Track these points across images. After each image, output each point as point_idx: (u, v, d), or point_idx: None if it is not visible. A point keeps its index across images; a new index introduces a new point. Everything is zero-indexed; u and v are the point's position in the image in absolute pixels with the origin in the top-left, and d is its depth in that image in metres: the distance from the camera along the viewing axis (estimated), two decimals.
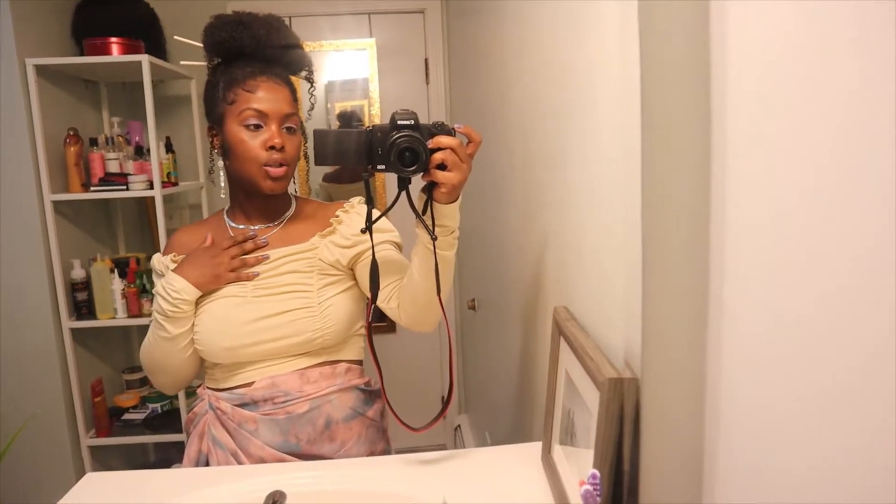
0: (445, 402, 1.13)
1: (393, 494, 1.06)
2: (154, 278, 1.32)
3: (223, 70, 1.21)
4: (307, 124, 1.33)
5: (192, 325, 1.23)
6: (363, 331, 1.31)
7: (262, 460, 1.20)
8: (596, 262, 0.96)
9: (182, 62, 1.29)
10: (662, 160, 0.60)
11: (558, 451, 1.06)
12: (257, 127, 1.17)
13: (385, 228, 1.25)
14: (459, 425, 3.04)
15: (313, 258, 1.22)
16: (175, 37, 2.49)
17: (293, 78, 1.28)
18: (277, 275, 1.21)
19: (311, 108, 1.35)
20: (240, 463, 1.21)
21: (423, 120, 1.00)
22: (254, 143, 1.17)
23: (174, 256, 1.27)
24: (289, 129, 1.20)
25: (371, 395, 1.30)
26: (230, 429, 1.22)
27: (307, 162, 1.34)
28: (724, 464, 0.58)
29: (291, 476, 1.08)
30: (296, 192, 1.35)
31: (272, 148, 1.17)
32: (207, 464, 1.26)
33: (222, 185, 1.29)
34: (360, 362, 1.31)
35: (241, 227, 1.27)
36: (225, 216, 1.30)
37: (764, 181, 0.50)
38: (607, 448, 0.80)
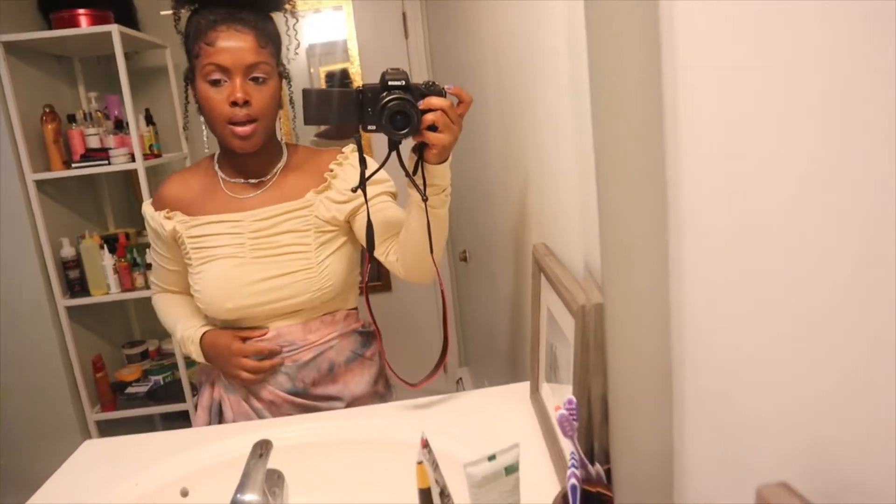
0: (440, 357, 1.14)
1: (380, 440, 1.07)
2: (148, 230, 1.31)
3: (191, 20, 1.16)
4: (292, 64, 1.28)
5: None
6: (357, 278, 1.33)
7: (272, 403, 1.24)
8: (565, 195, 0.96)
9: (162, 12, 1.23)
10: (611, 80, 0.59)
11: (545, 388, 1.08)
12: (220, 82, 1.12)
13: (380, 179, 1.22)
14: (461, 378, 3.08)
15: (309, 216, 1.20)
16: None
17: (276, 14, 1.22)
18: (275, 234, 1.20)
19: (297, 46, 1.26)
20: (251, 407, 1.25)
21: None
22: (218, 99, 1.12)
23: (168, 213, 1.25)
24: (256, 79, 1.13)
25: (368, 336, 1.33)
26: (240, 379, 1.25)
27: (293, 108, 1.27)
28: (691, 385, 0.58)
29: (281, 430, 1.10)
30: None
31: (234, 103, 1.12)
32: (220, 411, 1.29)
33: (205, 139, 1.27)
34: (355, 308, 1.34)
35: (232, 180, 1.23)
36: (216, 166, 1.26)
37: (715, 83, 0.49)
38: (583, 375, 0.81)
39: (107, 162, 2.27)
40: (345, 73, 2.92)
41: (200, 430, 1.20)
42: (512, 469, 0.68)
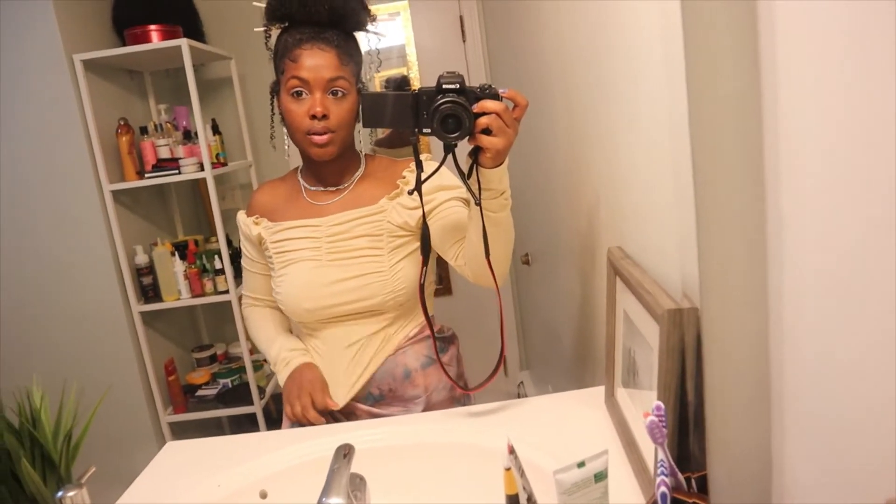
0: (497, 363, 1.14)
1: (459, 444, 1.07)
2: (241, 236, 1.39)
3: (280, 38, 1.22)
4: (373, 80, 1.32)
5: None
6: (432, 287, 1.36)
7: (352, 414, 1.29)
8: (646, 198, 0.94)
9: (255, 3, 1.26)
10: (709, 81, 0.58)
11: (622, 393, 1.06)
12: (302, 95, 1.18)
13: (451, 185, 1.25)
14: (522, 381, 3.06)
15: (382, 221, 1.24)
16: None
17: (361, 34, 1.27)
18: (349, 238, 1.24)
19: (380, 65, 1.34)
20: (334, 418, 1.29)
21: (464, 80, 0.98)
22: (299, 112, 1.18)
23: (256, 219, 1.33)
24: (335, 93, 1.19)
25: (444, 341, 1.36)
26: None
27: None
28: (791, 393, 0.56)
29: (360, 433, 1.11)
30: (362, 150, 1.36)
31: (314, 117, 1.17)
32: (301, 424, 1.31)
33: (286, 148, 1.32)
34: (432, 315, 1.35)
35: (312, 188, 1.30)
36: (299, 176, 1.33)
37: (819, 93, 0.47)
38: (670, 380, 0.79)
39: (177, 171, 2.35)
40: (404, 79, 2.94)
41: (279, 434, 1.23)
42: (601, 476, 0.67)
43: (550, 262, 1.95)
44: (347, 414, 1.29)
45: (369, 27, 1.28)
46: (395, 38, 2.91)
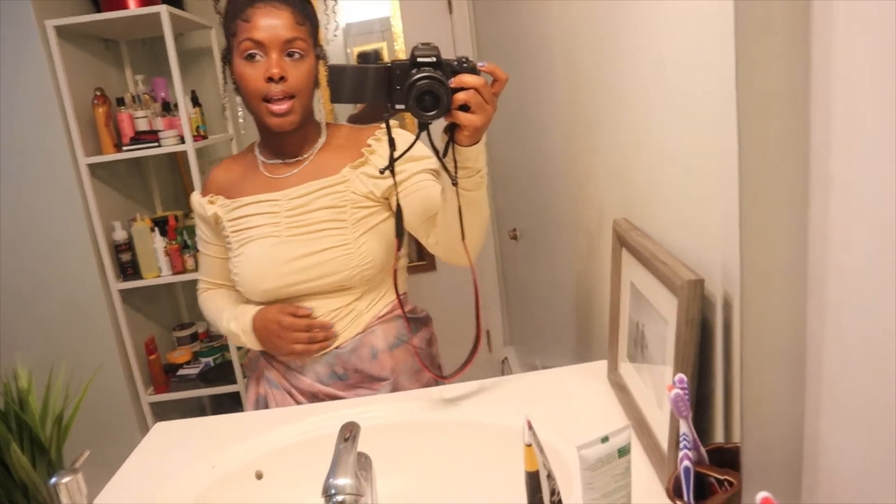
0: (473, 348, 1.07)
1: (461, 421, 1.05)
2: (196, 219, 1.32)
3: (230, 1, 1.16)
4: (331, 46, 1.26)
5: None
6: (403, 261, 1.30)
7: (314, 396, 1.23)
8: (663, 170, 0.91)
9: None
10: (758, 46, 0.54)
11: (626, 367, 1.04)
12: (256, 57, 1.11)
13: (419, 156, 1.18)
14: (506, 357, 3.05)
15: (345, 191, 1.18)
16: None
17: None
18: (310, 210, 1.18)
19: (336, 28, 1.29)
20: (295, 401, 1.24)
21: (446, 53, 0.91)
22: (253, 75, 1.11)
23: (211, 198, 1.26)
24: (292, 54, 1.12)
25: (416, 322, 1.30)
26: (280, 370, 1.26)
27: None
28: (828, 370, 0.54)
29: (358, 411, 1.08)
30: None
31: (270, 79, 1.10)
32: (266, 405, 1.28)
33: (240, 120, 1.26)
34: (404, 293, 1.29)
35: (270, 161, 1.23)
36: (256, 150, 1.27)
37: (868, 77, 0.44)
38: (689, 352, 0.76)
39: (157, 144, 2.27)
40: (375, 54, 2.86)
41: (272, 413, 1.19)
42: (625, 451, 0.65)
43: (542, 236, 1.93)
44: (310, 396, 1.24)
45: None
46: (379, 9, 2.84)
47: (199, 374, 2.55)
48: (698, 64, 0.75)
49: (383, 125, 1.21)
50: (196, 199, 1.30)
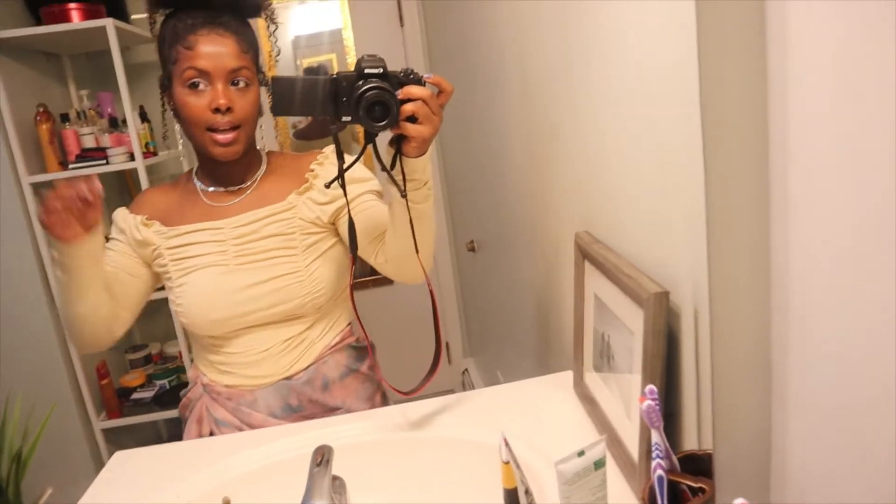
0: (433, 364, 1.06)
1: (432, 437, 1.04)
2: (113, 231, 1.21)
3: (167, 24, 1.10)
4: (277, 72, 1.23)
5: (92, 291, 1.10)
6: (347, 292, 1.26)
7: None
8: (624, 184, 0.92)
9: (134, 16, 1.16)
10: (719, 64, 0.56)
11: (592, 377, 1.05)
12: (200, 86, 1.07)
13: (363, 178, 1.18)
14: (467, 368, 3.06)
15: (293, 218, 1.16)
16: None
17: (256, 20, 1.17)
18: (258, 238, 1.15)
19: (278, 53, 1.25)
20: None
21: (399, 66, 0.92)
22: (198, 105, 1.07)
23: (146, 220, 1.18)
24: (238, 83, 1.08)
25: (362, 350, 1.28)
26: (229, 408, 1.20)
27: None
28: (794, 378, 0.56)
29: (332, 430, 1.07)
30: (272, 146, 1.25)
31: (217, 110, 1.07)
32: None
33: (180, 148, 1.21)
34: (349, 324, 1.28)
35: (211, 189, 1.18)
36: (194, 178, 1.21)
37: (827, 83, 0.46)
38: (656, 363, 0.78)
39: (105, 161, 2.21)
40: (322, 68, 2.85)
41: (239, 436, 1.16)
42: (600, 463, 0.66)
43: (501, 248, 1.94)
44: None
45: (266, 12, 1.18)
46: (330, 21, 2.82)
47: (154, 397, 2.48)
48: (661, 76, 0.76)
49: (324, 150, 1.22)
50: (123, 216, 1.20)
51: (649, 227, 0.85)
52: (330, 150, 1.21)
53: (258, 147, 1.22)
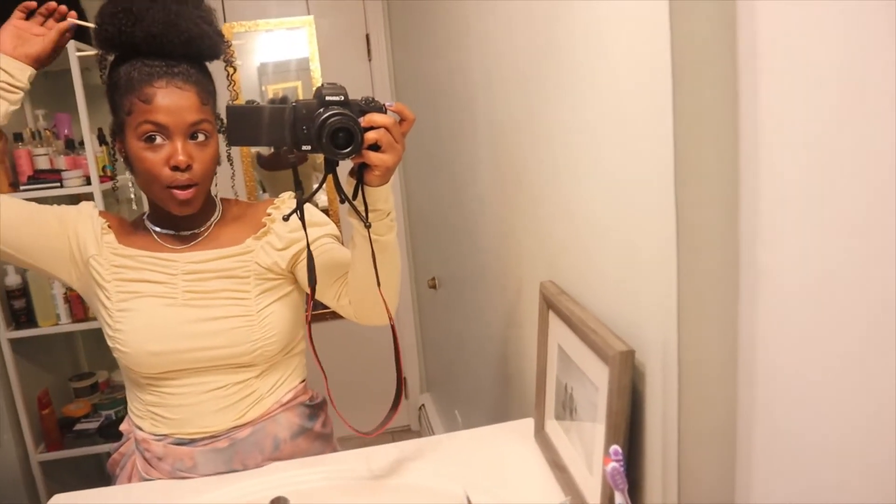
0: (394, 403, 1.02)
1: (407, 485, 1.02)
2: (70, 210, 1.15)
3: (119, 70, 1.03)
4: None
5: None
6: (303, 345, 1.22)
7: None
8: (592, 238, 0.93)
9: (77, 52, 1.13)
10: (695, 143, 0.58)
11: (553, 426, 1.05)
12: (157, 140, 1.01)
13: (320, 221, 1.15)
14: (423, 405, 3.03)
15: (249, 262, 1.12)
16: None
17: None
18: (211, 278, 1.10)
19: (235, 98, 1.15)
20: None
21: (360, 96, 0.92)
22: (155, 161, 1.01)
23: (105, 224, 1.14)
24: (197, 136, 1.04)
25: (315, 408, 1.23)
26: (165, 471, 1.12)
27: (232, 166, 1.22)
28: (761, 432, 0.57)
29: (287, 476, 1.04)
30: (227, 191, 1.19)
31: (176, 168, 1.02)
32: None
33: (131, 196, 1.16)
34: (303, 380, 1.23)
35: (164, 231, 1.14)
36: (147, 221, 1.16)
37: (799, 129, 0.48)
38: (620, 421, 0.78)
39: (59, 184, 2.14)
40: (286, 99, 2.84)
41: (194, 482, 1.10)
42: None
43: (463, 287, 1.94)
44: None
45: (225, 55, 1.13)
46: (297, 50, 2.82)
47: (99, 428, 2.38)
48: (633, 128, 0.77)
49: (280, 196, 1.19)
50: (89, 210, 1.16)
51: (617, 283, 0.86)
52: (287, 196, 1.19)
53: (212, 194, 1.17)
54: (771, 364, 0.54)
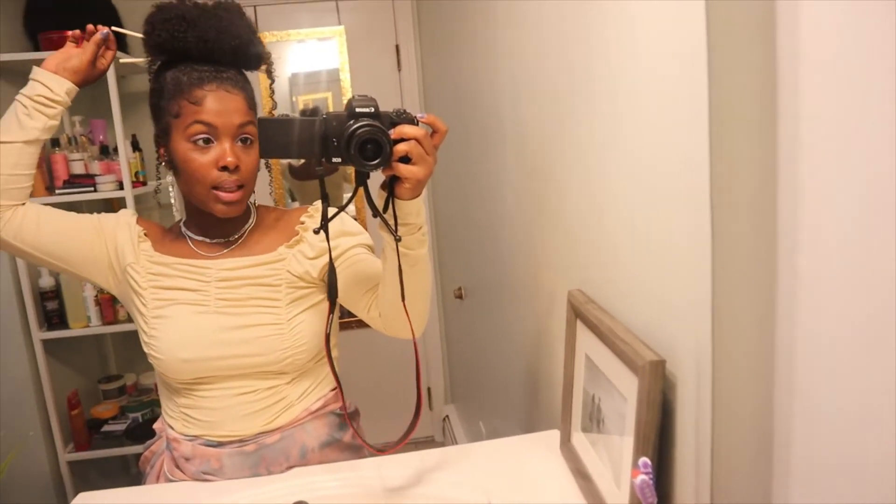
0: (413, 419, 1.00)
1: (430, 495, 1.01)
2: (106, 219, 1.17)
3: (167, 74, 1.06)
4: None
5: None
6: (336, 351, 1.20)
7: None
8: (622, 246, 0.91)
9: (122, 60, 1.15)
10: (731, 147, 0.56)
11: (580, 439, 1.03)
12: (207, 142, 1.04)
13: (353, 231, 1.15)
14: (448, 416, 3.01)
15: (281, 270, 1.12)
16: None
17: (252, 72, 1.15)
18: (243, 285, 1.11)
19: (275, 107, 1.22)
20: None
21: (391, 108, 0.91)
22: (203, 162, 1.04)
23: (143, 232, 1.16)
24: (245, 139, 1.06)
25: (349, 418, 1.21)
26: (191, 472, 1.12)
27: (269, 172, 1.24)
28: (800, 447, 0.54)
29: (310, 481, 1.03)
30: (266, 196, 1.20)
31: (224, 168, 1.03)
32: None
33: (172, 201, 1.17)
34: (335, 388, 1.21)
35: (198, 238, 1.15)
36: (183, 228, 1.18)
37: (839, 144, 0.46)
38: (650, 433, 0.76)
39: (93, 188, 2.18)
40: (318, 110, 2.86)
41: (205, 485, 1.09)
42: None
43: (490, 297, 1.93)
44: None
45: (265, 65, 1.16)
46: (328, 60, 2.85)
47: (126, 430, 2.41)
48: (665, 136, 0.75)
49: (314, 203, 1.17)
50: (127, 218, 1.17)
51: (647, 291, 0.84)
52: (315, 208, 1.18)
53: (250, 200, 1.18)
54: (811, 375, 0.52)
